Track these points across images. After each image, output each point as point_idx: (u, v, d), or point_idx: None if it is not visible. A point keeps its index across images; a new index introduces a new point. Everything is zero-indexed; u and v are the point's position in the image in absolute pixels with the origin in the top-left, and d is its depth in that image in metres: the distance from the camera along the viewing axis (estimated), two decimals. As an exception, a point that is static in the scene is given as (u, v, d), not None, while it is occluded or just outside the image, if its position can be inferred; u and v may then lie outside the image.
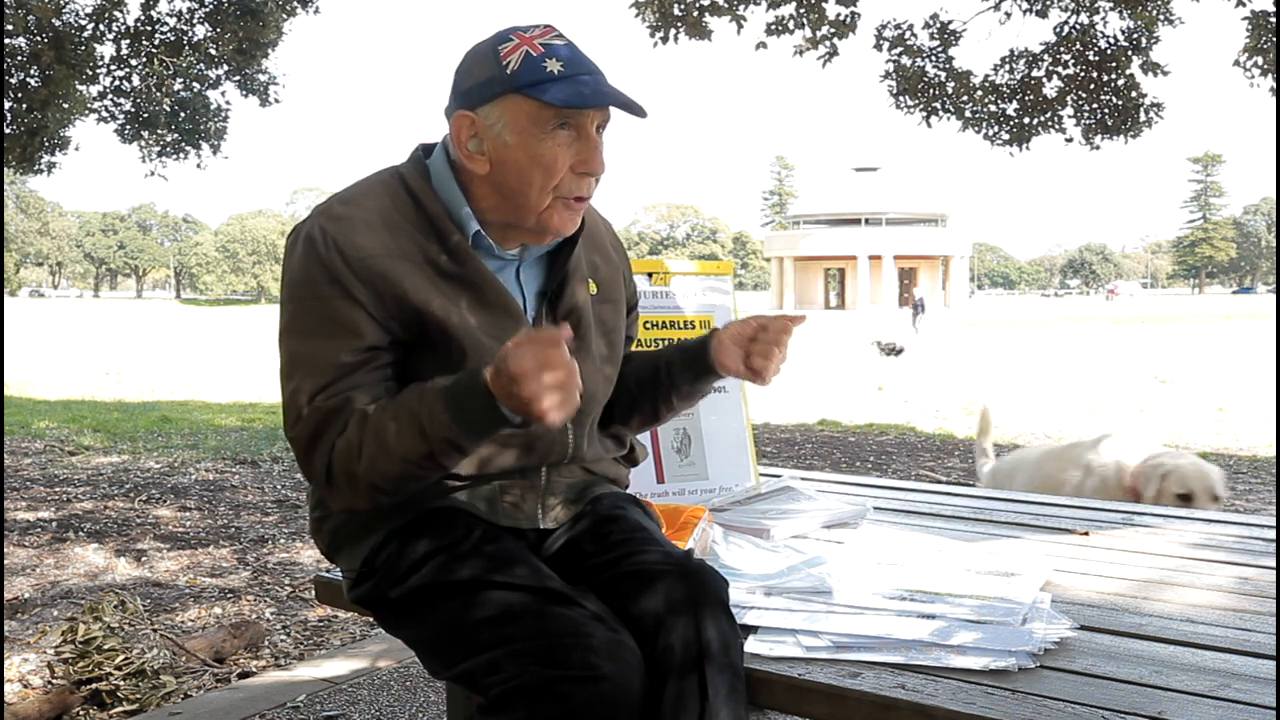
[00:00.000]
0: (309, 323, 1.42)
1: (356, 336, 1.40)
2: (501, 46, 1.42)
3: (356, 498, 1.42)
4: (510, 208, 1.46)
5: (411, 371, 1.46)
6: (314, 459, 1.41)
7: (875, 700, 1.25)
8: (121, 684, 2.66)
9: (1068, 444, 3.73)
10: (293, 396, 1.42)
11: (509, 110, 1.41)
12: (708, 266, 2.39)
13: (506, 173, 1.43)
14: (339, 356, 1.39)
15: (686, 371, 1.66)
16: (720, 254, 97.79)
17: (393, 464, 1.36)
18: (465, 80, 1.45)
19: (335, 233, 1.41)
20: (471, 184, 1.47)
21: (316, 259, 1.41)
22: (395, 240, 1.43)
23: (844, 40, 7.97)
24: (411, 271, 1.42)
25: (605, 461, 1.66)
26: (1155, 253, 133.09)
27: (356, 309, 1.40)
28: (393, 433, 1.34)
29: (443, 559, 1.42)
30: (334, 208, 1.46)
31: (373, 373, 1.42)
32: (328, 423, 1.39)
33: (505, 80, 1.40)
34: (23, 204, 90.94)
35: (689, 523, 1.75)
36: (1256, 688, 1.24)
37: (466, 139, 1.44)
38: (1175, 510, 2.26)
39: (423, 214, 1.46)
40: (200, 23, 9.64)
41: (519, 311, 1.50)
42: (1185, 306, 56.65)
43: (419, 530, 1.47)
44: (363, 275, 1.40)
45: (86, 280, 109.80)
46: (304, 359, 1.41)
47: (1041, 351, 21.95)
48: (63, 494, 5.48)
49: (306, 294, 1.42)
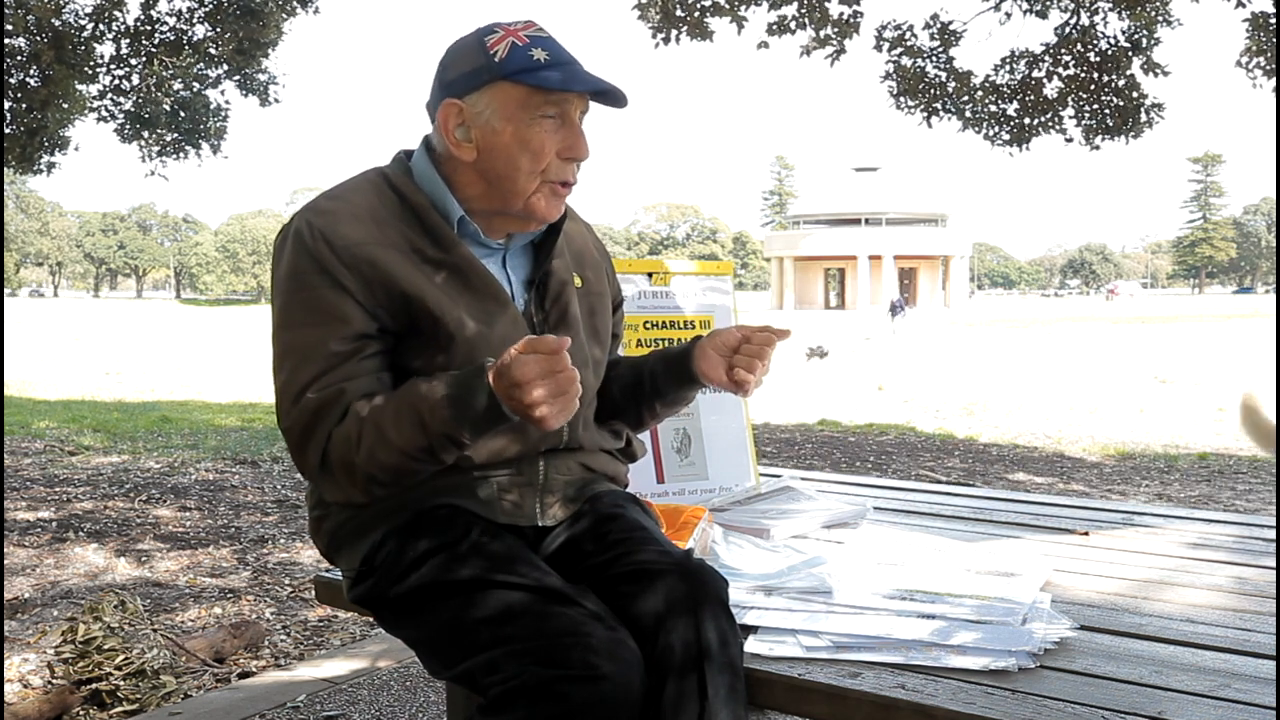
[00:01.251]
0: (299, 314, 1.43)
1: (345, 324, 1.41)
2: (487, 38, 1.46)
3: (353, 489, 1.43)
4: (497, 194, 1.49)
5: (402, 360, 1.47)
6: (308, 450, 1.42)
7: (875, 700, 1.25)
8: (121, 684, 2.66)
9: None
10: (285, 387, 1.43)
11: (498, 97, 1.45)
12: (708, 266, 2.39)
13: (494, 158, 1.46)
14: (329, 345, 1.41)
15: (670, 379, 1.67)
16: (720, 254, 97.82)
17: (391, 456, 1.37)
18: (450, 72, 1.48)
19: (321, 225, 1.44)
20: (456, 173, 1.50)
21: (304, 250, 1.43)
22: (382, 231, 1.45)
23: (849, 40, 7.97)
24: (399, 260, 1.44)
25: (603, 455, 1.66)
26: (1155, 253, 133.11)
27: (345, 297, 1.42)
28: (392, 425, 1.36)
29: (442, 558, 1.42)
30: (320, 204, 1.48)
31: (364, 362, 1.43)
32: (322, 414, 1.40)
33: (494, 68, 1.44)
34: (23, 204, 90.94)
35: (689, 523, 1.75)
36: (1256, 688, 1.24)
37: (454, 127, 1.47)
38: (1175, 510, 2.26)
39: (408, 206, 1.49)
40: (200, 22, 9.63)
41: (506, 298, 1.51)
42: (1185, 306, 56.65)
43: (418, 529, 1.47)
44: (349, 263, 1.42)
45: (86, 280, 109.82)
46: (295, 349, 1.43)
47: (1041, 351, 21.95)
48: (63, 494, 5.48)
49: (295, 286, 1.44)
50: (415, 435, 1.35)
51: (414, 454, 1.37)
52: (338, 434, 1.40)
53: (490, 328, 1.48)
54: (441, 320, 1.44)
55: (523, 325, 1.52)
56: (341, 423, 1.40)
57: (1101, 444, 8.14)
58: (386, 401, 1.39)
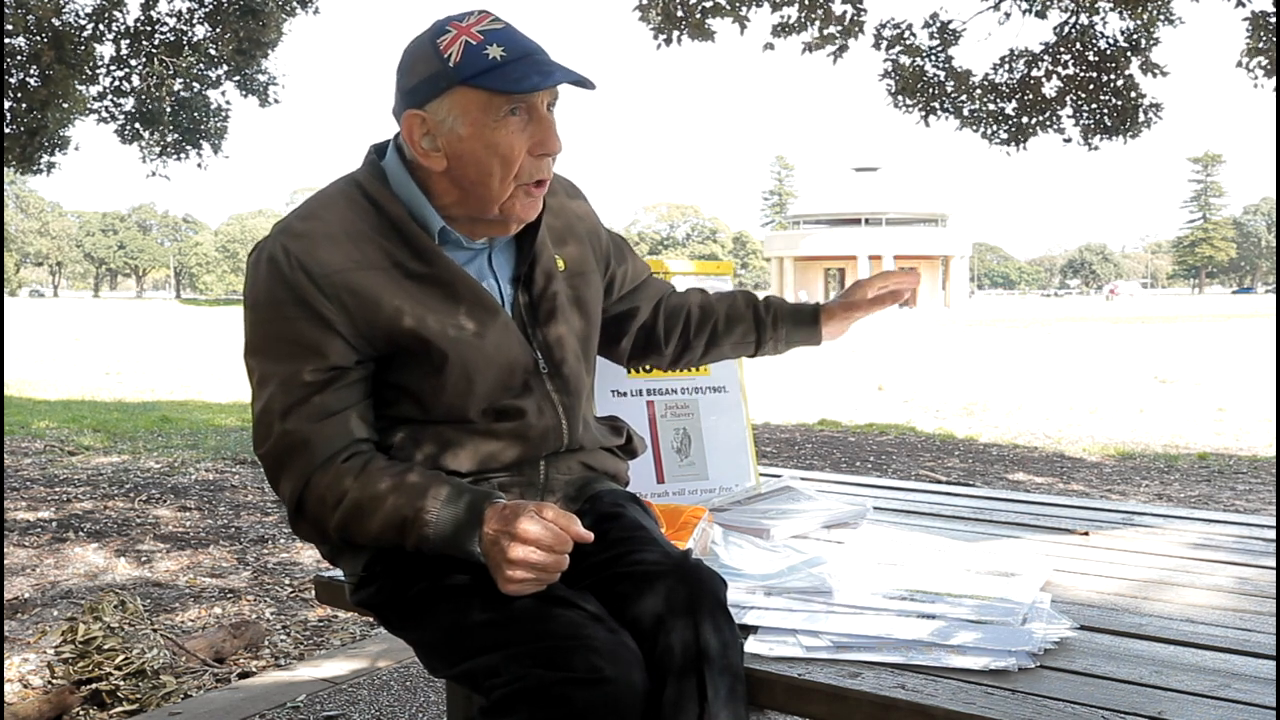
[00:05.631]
0: (274, 344, 1.41)
1: (322, 357, 1.40)
2: (439, 40, 1.40)
3: (320, 543, 1.53)
4: (473, 201, 1.46)
5: (393, 377, 1.46)
6: (280, 484, 1.44)
7: (875, 700, 1.25)
8: (121, 684, 2.66)
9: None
10: (260, 416, 1.43)
11: (458, 103, 1.39)
12: (707, 266, 2.39)
13: (465, 166, 1.42)
14: (304, 376, 1.40)
15: (794, 329, 1.87)
16: (720, 254, 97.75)
17: (363, 536, 1.42)
18: (409, 79, 1.42)
19: (299, 251, 1.39)
20: (430, 180, 1.46)
21: (281, 280, 1.39)
22: (360, 250, 1.42)
23: (853, 39, 7.97)
24: (381, 281, 1.41)
25: (603, 453, 1.66)
26: (1155, 253, 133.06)
27: (324, 329, 1.39)
28: (374, 515, 1.39)
29: (444, 560, 1.42)
30: (294, 225, 1.43)
31: (340, 392, 1.42)
32: (295, 452, 1.40)
33: (449, 74, 1.38)
34: (23, 204, 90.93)
35: (689, 523, 1.75)
36: (1256, 688, 1.24)
37: (419, 137, 1.42)
38: (1175, 510, 2.26)
39: (385, 219, 1.45)
40: (200, 23, 9.64)
41: (494, 304, 1.49)
42: (1185, 306, 56.63)
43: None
44: (330, 292, 1.39)
45: (86, 280, 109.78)
46: (270, 378, 1.41)
47: (1041, 351, 21.95)
48: (63, 494, 5.48)
49: (271, 315, 1.41)
50: (391, 534, 1.39)
51: (384, 541, 1.41)
52: (316, 487, 1.40)
53: (482, 339, 1.46)
54: (431, 340, 1.42)
55: (514, 331, 1.50)
56: (323, 471, 1.39)
57: (1101, 444, 8.14)
58: (377, 485, 1.38)
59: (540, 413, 1.52)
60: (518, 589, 1.32)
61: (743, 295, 1.90)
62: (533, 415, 1.51)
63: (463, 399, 1.46)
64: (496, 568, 1.33)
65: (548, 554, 1.31)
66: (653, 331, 1.84)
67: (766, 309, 1.88)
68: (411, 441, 1.48)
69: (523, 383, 1.51)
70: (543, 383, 1.53)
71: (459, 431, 1.48)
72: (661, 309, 1.85)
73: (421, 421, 1.48)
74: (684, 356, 1.88)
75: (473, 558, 1.35)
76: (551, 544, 1.31)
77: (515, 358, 1.49)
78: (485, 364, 1.46)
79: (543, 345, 1.53)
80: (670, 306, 1.86)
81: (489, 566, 1.34)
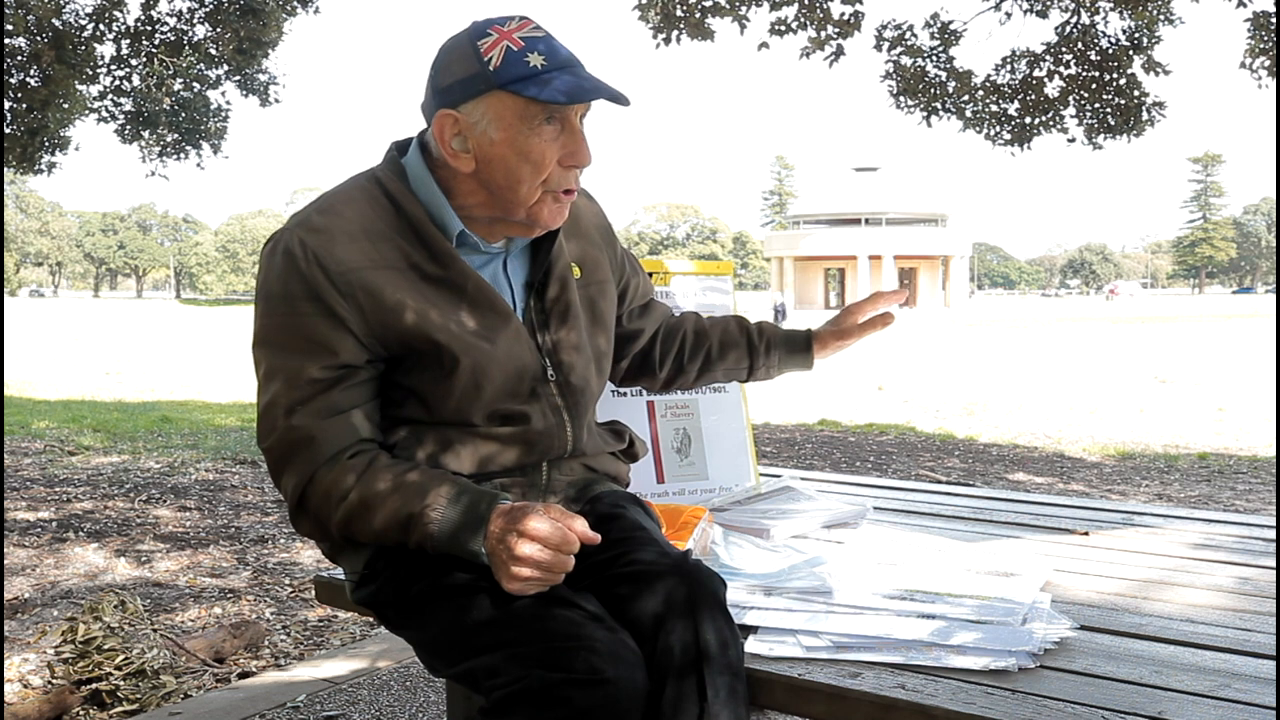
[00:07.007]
0: (285, 336, 1.41)
1: (332, 354, 1.39)
2: (481, 42, 1.39)
3: (321, 540, 1.52)
4: (498, 203, 1.45)
5: (403, 378, 1.46)
6: (283, 478, 1.44)
7: (875, 700, 1.25)
8: (121, 684, 2.66)
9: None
10: (267, 409, 1.42)
11: (493, 107, 1.39)
12: (707, 266, 2.39)
13: (494, 170, 1.42)
14: (312, 373, 1.39)
15: (787, 356, 1.87)
16: (720, 254, 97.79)
17: (366, 534, 1.42)
18: (445, 77, 1.41)
19: (316, 246, 1.39)
20: (454, 181, 1.46)
21: (297, 273, 1.39)
22: (377, 249, 1.41)
23: (849, 40, 7.97)
24: (396, 281, 1.41)
25: (605, 457, 1.66)
26: (1155, 253, 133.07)
27: (337, 326, 1.39)
28: (379, 512, 1.38)
29: (444, 560, 1.42)
30: (312, 218, 1.43)
31: (348, 390, 1.41)
32: (300, 448, 1.40)
33: (488, 77, 1.37)
34: (23, 204, 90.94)
35: (689, 523, 1.75)
36: (1256, 688, 1.24)
37: (450, 137, 1.42)
38: (1175, 510, 2.26)
39: (403, 218, 1.44)
40: (200, 23, 9.64)
41: (507, 309, 1.49)
42: (1185, 306, 56.63)
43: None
44: (345, 290, 1.39)
45: (86, 280, 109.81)
46: (277, 371, 1.41)
47: (1041, 351, 21.95)
48: (63, 494, 5.48)
49: (285, 309, 1.40)
50: (394, 532, 1.39)
51: (387, 539, 1.42)
52: (319, 483, 1.40)
53: (493, 344, 1.46)
54: (444, 346, 1.42)
55: (525, 337, 1.50)
56: (328, 468, 1.39)
57: (1101, 444, 8.14)
58: (380, 483, 1.38)
59: (544, 419, 1.52)
60: (522, 588, 1.32)
61: (736, 321, 1.89)
62: (536, 421, 1.51)
63: (469, 402, 1.46)
64: (501, 565, 1.32)
65: (553, 553, 1.31)
66: (649, 356, 1.84)
67: (760, 336, 1.87)
68: (414, 441, 1.48)
69: (530, 389, 1.50)
70: (549, 389, 1.52)
71: (462, 433, 1.48)
72: (660, 334, 1.85)
73: (425, 422, 1.48)
74: (676, 380, 1.88)
75: (476, 558, 1.35)
76: (558, 543, 1.31)
77: (524, 364, 1.49)
78: (494, 369, 1.46)
79: (551, 352, 1.53)
80: (666, 331, 1.86)
81: (493, 565, 1.34)
